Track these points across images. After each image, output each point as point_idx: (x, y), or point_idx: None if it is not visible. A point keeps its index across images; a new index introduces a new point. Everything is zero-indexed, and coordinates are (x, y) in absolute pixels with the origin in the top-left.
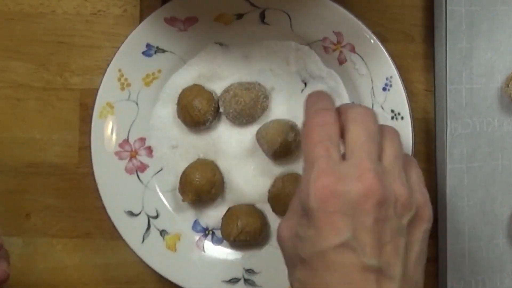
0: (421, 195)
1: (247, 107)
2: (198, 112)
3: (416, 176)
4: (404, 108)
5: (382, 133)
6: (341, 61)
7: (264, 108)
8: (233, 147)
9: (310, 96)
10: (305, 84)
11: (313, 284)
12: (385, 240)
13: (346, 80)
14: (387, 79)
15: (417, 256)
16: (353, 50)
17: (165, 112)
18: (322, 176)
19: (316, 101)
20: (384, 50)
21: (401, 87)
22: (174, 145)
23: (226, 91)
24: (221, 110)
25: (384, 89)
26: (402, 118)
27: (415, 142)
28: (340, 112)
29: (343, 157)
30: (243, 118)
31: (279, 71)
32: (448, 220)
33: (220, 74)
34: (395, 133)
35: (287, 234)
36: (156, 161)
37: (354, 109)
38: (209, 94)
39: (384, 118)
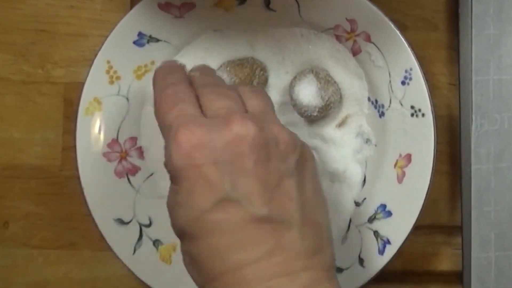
0: (300, 141)
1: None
2: None
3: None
4: (425, 104)
5: (243, 91)
6: (355, 52)
7: (264, 82)
8: None
9: (157, 72)
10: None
11: (200, 254)
12: (273, 184)
13: (361, 72)
14: (406, 71)
15: (313, 196)
16: (368, 39)
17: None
18: (182, 130)
19: (163, 77)
20: (403, 39)
21: (422, 81)
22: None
23: (217, 72)
24: None
25: (403, 82)
26: (423, 115)
27: (437, 142)
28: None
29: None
30: None
31: (288, 61)
32: (472, 227)
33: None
34: (252, 88)
35: (170, 209)
36: (149, 164)
37: (200, 76)
38: None
39: (403, 115)
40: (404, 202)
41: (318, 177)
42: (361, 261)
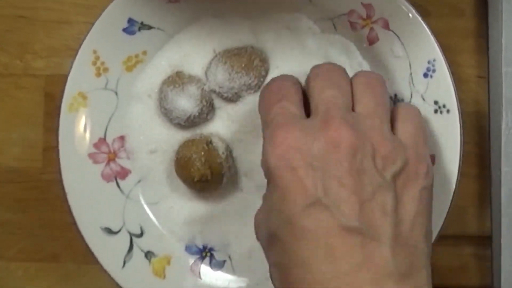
0: (415, 150)
1: (238, 76)
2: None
3: (414, 128)
4: (450, 99)
5: (357, 83)
6: (372, 40)
7: (263, 75)
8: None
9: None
10: None
11: (287, 263)
12: (366, 196)
13: (378, 64)
14: (429, 62)
15: (413, 217)
16: (386, 26)
17: (142, 107)
18: (279, 131)
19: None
20: (425, 26)
21: (446, 73)
22: (153, 149)
23: (211, 63)
24: (208, 87)
25: (425, 75)
26: (448, 111)
27: (464, 142)
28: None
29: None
30: (239, 91)
31: (295, 52)
32: (503, 236)
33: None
34: (376, 81)
35: (260, 217)
36: (137, 168)
37: (316, 66)
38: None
39: (426, 111)
40: None
41: (429, 197)
42: None
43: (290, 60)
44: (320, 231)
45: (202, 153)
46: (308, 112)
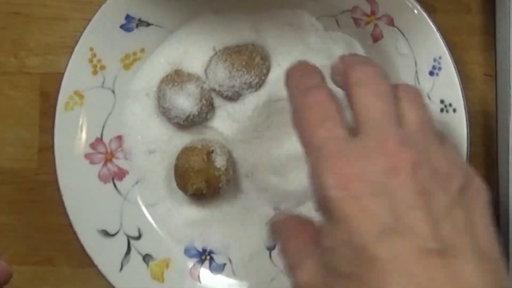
0: (465, 168)
1: (239, 74)
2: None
3: (452, 149)
4: (457, 97)
5: (398, 95)
6: (376, 37)
7: (265, 73)
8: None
9: (290, 72)
10: None
11: None
12: (439, 215)
13: (382, 61)
14: (435, 60)
15: (485, 232)
16: (391, 23)
17: (140, 106)
18: (333, 161)
19: (300, 79)
20: (431, 23)
21: (453, 71)
22: (151, 149)
23: (211, 61)
24: (208, 85)
25: (431, 73)
26: (454, 110)
27: (470, 142)
28: (338, 74)
29: (354, 132)
30: (239, 90)
31: (297, 49)
32: (511, 243)
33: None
34: (416, 93)
35: (307, 279)
36: (134, 169)
37: (356, 68)
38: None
39: (432, 111)
40: None
41: (491, 212)
42: None
43: (292, 58)
44: (399, 259)
45: (200, 165)
46: None
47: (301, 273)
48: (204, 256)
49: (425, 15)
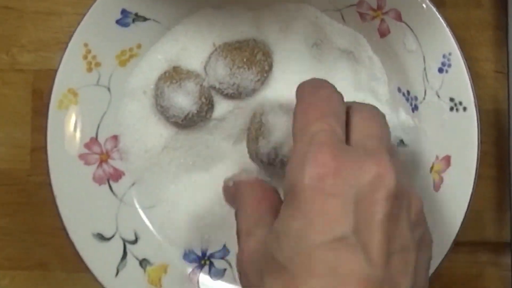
0: (424, 220)
1: (240, 71)
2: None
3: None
4: (467, 95)
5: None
6: (383, 33)
7: (267, 70)
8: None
9: (304, 83)
10: None
11: None
12: (394, 248)
13: (389, 58)
14: (444, 57)
15: (423, 284)
16: (398, 18)
17: (137, 104)
18: (323, 150)
19: (313, 90)
20: (440, 18)
21: (463, 68)
22: (148, 149)
23: (210, 57)
24: (208, 83)
25: (440, 70)
26: (464, 109)
27: (481, 141)
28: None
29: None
30: (240, 87)
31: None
32: None
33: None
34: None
35: (253, 247)
36: (130, 171)
37: (359, 103)
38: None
39: (441, 109)
40: (442, 214)
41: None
42: None
43: (296, 54)
44: (338, 271)
45: None
46: None
47: (249, 242)
48: (204, 260)
49: (434, 9)
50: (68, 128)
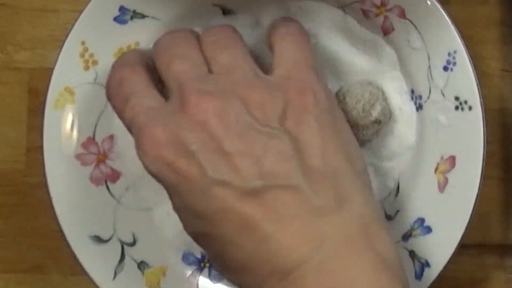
0: (295, 80)
1: None
2: None
3: (291, 52)
4: (472, 94)
5: (205, 44)
6: (387, 30)
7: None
8: None
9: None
10: None
11: (219, 249)
12: (258, 152)
13: (393, 55)
14: (449, 55)
15: (321, 147)
16: (402, 15)
17: None
18: (143, 133)
19: (119, 67)
20: (445, 15)
21: (468, 66)
22: None
23: None
24: None
25: (445, 68)
26: (470, 108)
27: (487, 141)
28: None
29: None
30: None
31: None
32: None
33: None
34: (224, 34)
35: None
36: (128, 172)
37: (157, 41)
38: None
39: (445, 108)
40: (447, 216)
41: (330, 119)
42: None
43: None
44: (229, 207)
45: None
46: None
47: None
48: (203, 263)
49: (439, 6)
50: (65, 127)
